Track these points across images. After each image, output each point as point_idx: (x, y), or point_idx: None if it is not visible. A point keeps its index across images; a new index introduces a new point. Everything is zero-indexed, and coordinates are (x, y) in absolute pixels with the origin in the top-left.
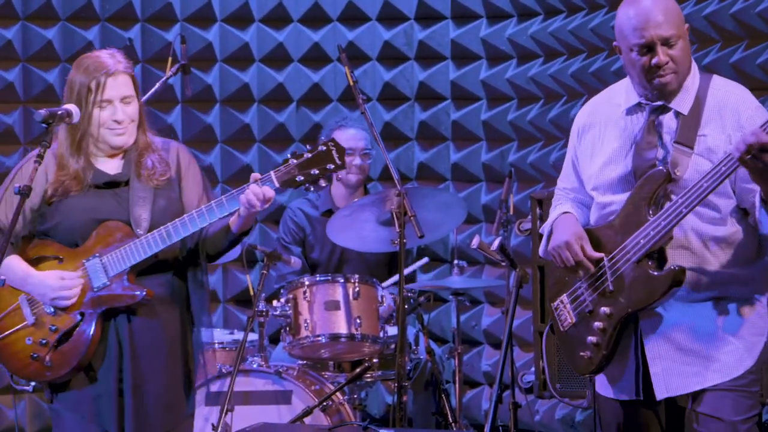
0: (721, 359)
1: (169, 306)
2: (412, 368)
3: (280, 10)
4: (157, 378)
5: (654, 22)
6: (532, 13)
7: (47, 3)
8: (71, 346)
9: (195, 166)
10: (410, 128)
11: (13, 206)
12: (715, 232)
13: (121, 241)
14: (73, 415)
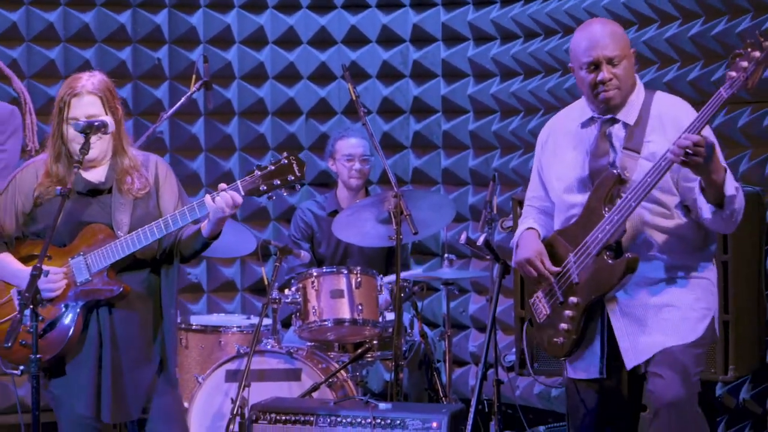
0: (679, 327)
1: (145, 300)
2: (407, 349)
3: (291, 33)
4: (133, 364)
5: (601, 44)
6: (513, 36)
7: (85, 26)
8: (56, 334)
9: (171, 176)
10: (406, 138)
11: (8, 211)
12: (664, 224)
13: (103, 241)
14: (65, 398)
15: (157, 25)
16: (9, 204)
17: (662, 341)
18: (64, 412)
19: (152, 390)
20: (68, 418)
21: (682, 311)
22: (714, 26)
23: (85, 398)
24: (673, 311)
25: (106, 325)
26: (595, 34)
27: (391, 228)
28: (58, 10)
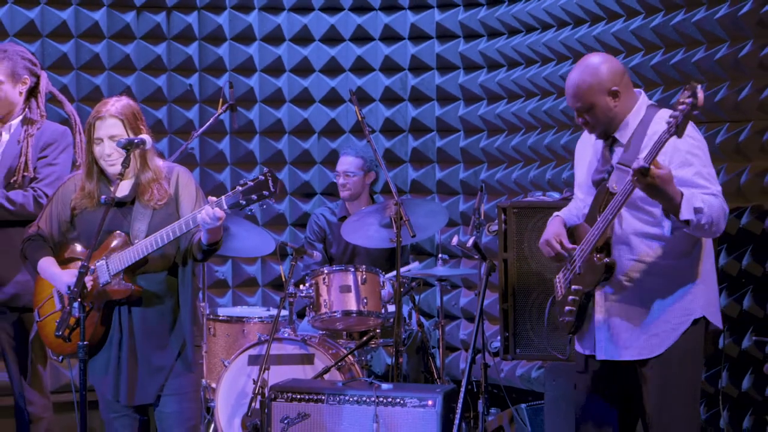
0: (650, 338)
1: (163, 297)
2: (406, 337)
3: (305, 62)
4: (149, 353)
5: (569, 98)
6: (498, 64)
7: (126, 57)
8: (84, 328)
9: (191, 185)
10: (405, 153)
11: (52, 219)
12: (650, 231)
13: (121, 248)
14: (94, 381)
15: (189, 55)
16: (53, 213)
17: (633, 350)
18: (97, 394)
19: (169, 374)
20: (101, 399)
21: (655, 325)
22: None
23: (108, 383)
24: (652, 320)
25: (126, 319)
26: (567, 86)
27: (392, 231)
28: (103, 42)
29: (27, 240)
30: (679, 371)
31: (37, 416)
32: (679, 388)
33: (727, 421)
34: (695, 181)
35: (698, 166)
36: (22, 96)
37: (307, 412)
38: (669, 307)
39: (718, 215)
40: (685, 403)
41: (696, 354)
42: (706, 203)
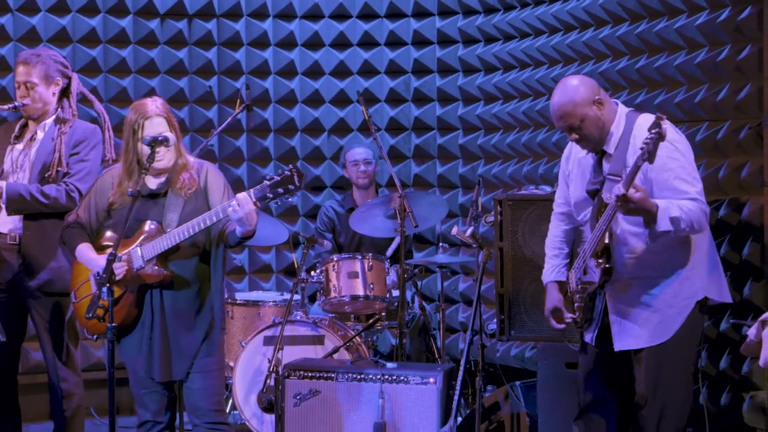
0: (658, 325)
1: (193, 282)
2: (409, 319)
3: (316, 66)
4: (179, 334)
5: (555, 118)
6: (495, 68)
7: (151, 61)
8: (118, 309)
9: (219, 179)
10: (408, 150)
11: (90, 209)
12: (644, 230)
13: (154, 236)
14: (127, 360)
15: (208, 59)
16: (91, 203)
17: (642, 339)
18: (129, 370)
19: (197, 354)
20: (132, 375)
21: (661, 312)
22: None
23: (141, 360)
24: (653, 314)
25: (158, 302)
26: (553, 107)
27: (396, 222)
28: (129, 47)
29: (67, 227)
30: (675, 354)
31: (69, 392)
32: (673, 372)
33: (706, 397)
34: (675, 185)
35: (677, 169)
36: (55, 96)
37: (318, 388)
38: (672, 293)
39: (698, 218)
40: (679, 386)
41: (693, 336)
42: (683, 210)
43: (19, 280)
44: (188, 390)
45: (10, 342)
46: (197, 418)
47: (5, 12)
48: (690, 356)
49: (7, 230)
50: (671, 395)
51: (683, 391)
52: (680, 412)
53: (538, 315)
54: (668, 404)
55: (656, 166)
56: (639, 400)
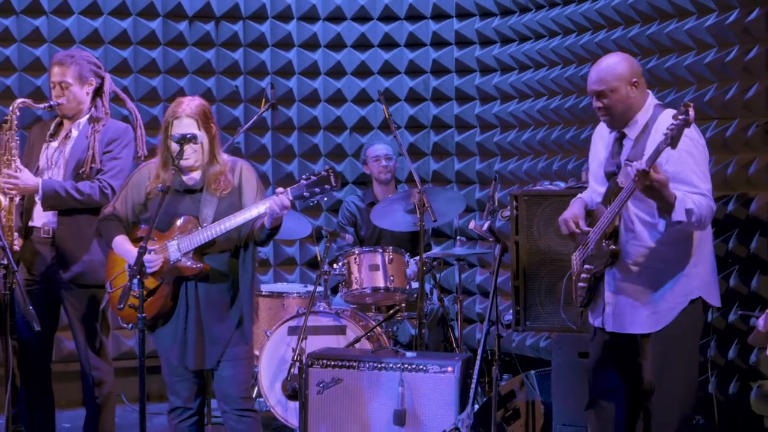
0: (651, 315)
1: (225, 275)
2: (428, 311)
3: (338, 66)
4: (212, 324)
5: (593, 81)
6: (510, 68)
7: (180, 61)
8: (154, 300)
9: (253, 178)
10: (427, 147)
11: (127, 203)
12: (652, 220)
13: (191, 231)
14: (161, 347)
15: (235, 60)
16: (128, 197)
17: (635, 325)
18: (162, 359)
19: (228, 344)
20: (165, 364)
21: (654, 305)
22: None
23: (176, 349)
24: (646, 305)
25: (193, 293)
26: (593, 71)
27: (415, 216)
28: (159, 49)
29: (103, 219)
30: (677, 346)
31: (100, 380)
32: (677, 361)
33: (715, 386)
34: (688, 177)
35: (692, 164)
36: (88, 96)
37: (340, 377)
38: (668, 288)
39: (706, 214)
40: (683, 375)
41: (694, 331)
42: (696, 203)
43: (52, 272)
44: (219, 377)
45: (44, 331)
46: (227, 405)
47: (40, 14)
48: (691, 348)
49: (41, 224)
50: (676, 384)
51: (688, 381)
52: (686, 401)
53: (553, 306)
54: (674, 392)
55: (672, 159)
56: (646, 386)
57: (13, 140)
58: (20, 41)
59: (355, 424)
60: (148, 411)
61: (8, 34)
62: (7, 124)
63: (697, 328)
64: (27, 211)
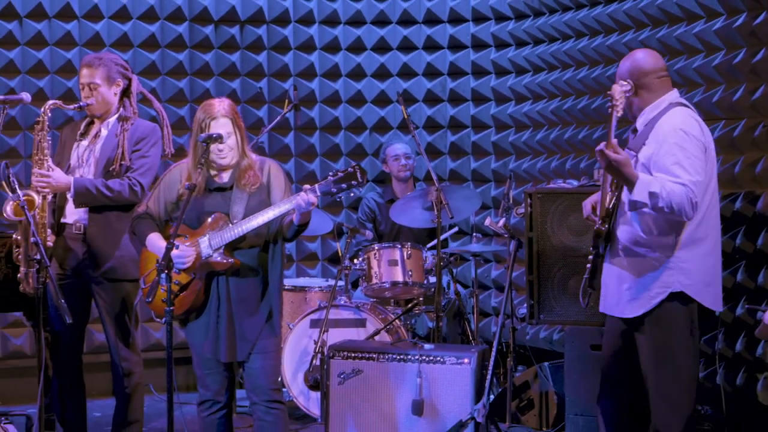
0: (631, 301)
1: (255, 270)
2: (445, 304)
3: (358, 68)
4: (243, 318)
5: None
6: (525, 70)
7: (206, 64)
8: (187, 295)
9: (280, 176)
10: (444, 146)
11: (159, 201)
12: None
13: (222, 227)
14: (192, 341)
15: (259, 63)
16: (160, 196)
17: (617, 311)
18: (194, 352)
19: (258, 337)
20: (197, 356)
21: (635, 290)
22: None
23: (208, 342)
24: (628, 290)
25: (224, 288)
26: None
27: (433, 213)
28: (186, 52)
29: (137, 217)
30: (660, 337)
31: (130, 370)
32: (661, 352)
33: (723, 378)
34: (672, 169)
35: (680, 156)
36: (116, 96)
37: (360, 368)
38: (651, 277)
39: (680, 201)
40: (674, 365)
41: (682, 324)
42: (666, 189)
43: (83, 267)
44: (249, 369)
45: (76, 324)
46: (256, 397)
47: (71, 19)
48: (675, 340)
49: (72, 221)
50: (663, 373)
51: (674, 370)
52: (676, 391)
53: (566, 300)
54: (662, 381)
55: (663, 150)
56: (643, 372)
57: (45, 140)
58: (52, 45)
59: (375, 413)
60: (176, 400)
61: (41, 38)
62: (39, 125)
63: (685, 325)
64: (59, 208)
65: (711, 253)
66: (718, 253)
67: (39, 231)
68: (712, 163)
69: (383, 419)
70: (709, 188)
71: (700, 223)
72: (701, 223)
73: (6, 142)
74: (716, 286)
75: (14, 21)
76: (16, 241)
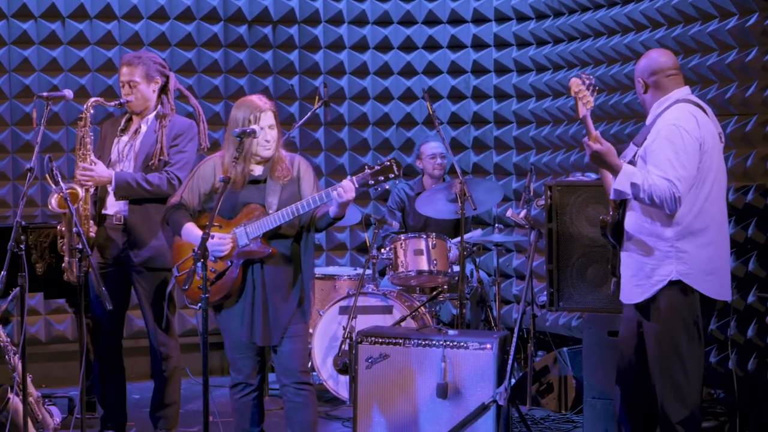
0: (634, 287)
1: (288, 259)
2: (468, 292)
3: (386, 66)
4: (277, 303)
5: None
6: (545, 68)
7: (240, 62)
8: (223, 282)
9: (310, 171)
10: (467, 141)
11: (193, 192)
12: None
13: (258, 217)
14: (229, 327)
15: (290, 61)
16: (194, 187)
17: (623, 297)
18: (226, 337)
19: (290, 322)
20: (230, 341)
21: (637, 277)
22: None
23: (244, 327)
24: (632, 277)
25: (258, 275)
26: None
27: (457, 205)
28: (220, 51)
29: (172, 208)
30: (666, 325)
31: (167, 355)
32: (668, 340)
33: (735, 363)
34: (658, 161)
35: (668, 151)
36: (155, 93)
37: (387, 353)
38: (652, 265)
39: (662, 195)
40: (677, 353)
41: (682, 312)
42: (648, 182)
43: (124, 256)
44: (280, 353)
45: (116, 310)
46: (286, 379)
47: (112, 19)
48: (674, 329)
49: (113, 212)
50: (666, 359)
51: (677, 358)
52: (685, 375)
53: (584, 288)
54: (665, 367)
55: (656, 145)
56: (649, 358)
57: (88, 135)
58: (94, 44)
59: (401, 396)
60: (210, 384)
61: (83, 37)
62: (82, 121)
63: (679, 311)
64: (100, 200)
65: (712, 243)
66: (722, 244)
67: (82, 223)
68: (713, 156)
69: (409, 402)
70: (707, 180)
71: (699, 214)
72: (700, 214)
73: (49, 136)
74: (719, 275)
75: (57, 21)
76: (60, 232)
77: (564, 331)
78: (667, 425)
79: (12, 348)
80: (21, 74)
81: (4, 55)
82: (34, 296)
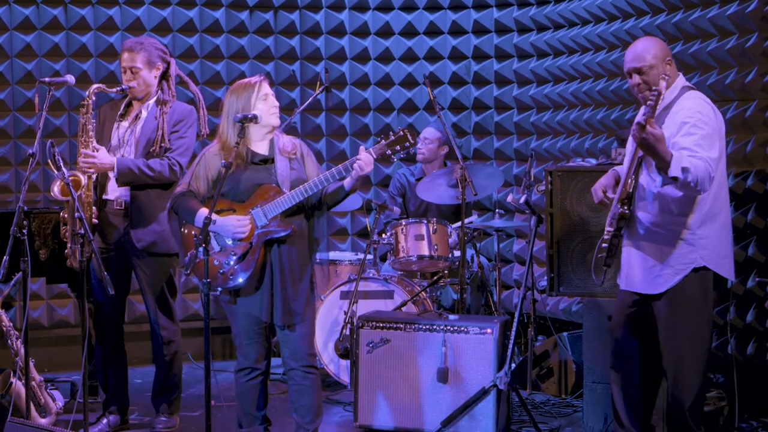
0: (655, 278)
1: (301, 237)
2: (469, 277)
3: (387, 52)
4: (294, 283)
5: (629, 59)
6: (546, 53)
7: (241, 48)
8: (245, 263)
9: (311, 153)
10: (468, 127)
11: (201, 178)
12: (655, 189)
13: (274, 196)
14: (245, 308)
15: (292, 46)
16: (201, 174)
17: (643, 285)
18: (237, 322)
19: (308, 302)
20: (239, 326)
21: (659, 268)
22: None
23: (264, 307)
24: (652, 268)
25: (275, 255)
26: (631, 50)
27: (458, 190)
28: (222, 36)
29: (180, 195)
30: (682, 311)
31: (169, 339)
32: (682, 326)
33: (734, 347)
34: (692, 148)
35: (698, 137)
36: (156, 79)
37: (388, 337)
38: (672, 255)
39: (703, 176)
40: (688, 340)
41: (699, 298)
42: (692, 164)
43: (125, 241)
44: (290, 336)
45: (118, 295)
46: (295, 362)
47: (114, 5)
48: (697, 315)
49: (114, 197)
50: (683, 348)
51: (694, 345)
52: (693, 365)
53: (584, 273)
54: (681, 356)
55: (682, 130)
56: (660, 346)
57: (90, 122)
58: (96, 29)
59: (402, 380)
60: (212, 368)
61: (85, 23)
62: (84, 108)
63: (703, 297)
64: (101, 185)
65: (725, 227)
66: (730, 227)
67: (85, 209)
68: (723, 143)
69: (410, 386)
70: (719, 166)
71: (715, 198)
72: (716, 199)
73: (51, 122)
74: (731, 257)
75: (59, 7)
76: (63, 219)
77: (564, 315)
78: (680, 411)
79: (15, 333)
80: (23, 60)
81: (6, 41)
82: (37, 281)
